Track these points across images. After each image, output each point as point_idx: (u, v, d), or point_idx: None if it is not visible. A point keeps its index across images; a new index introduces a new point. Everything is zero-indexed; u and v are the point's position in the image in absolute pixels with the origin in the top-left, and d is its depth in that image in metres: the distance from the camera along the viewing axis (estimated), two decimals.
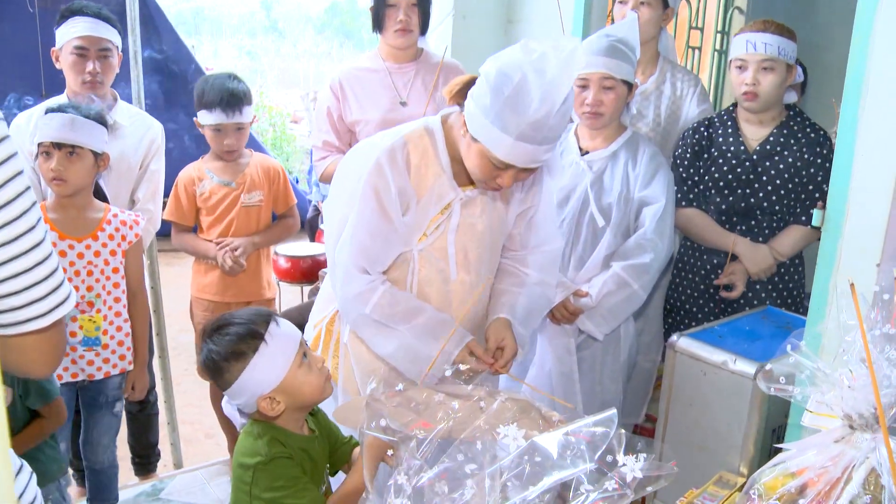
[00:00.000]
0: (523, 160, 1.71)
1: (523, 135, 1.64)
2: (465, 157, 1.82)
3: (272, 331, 1.50)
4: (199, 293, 3.02)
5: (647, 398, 2.82)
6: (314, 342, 2.10)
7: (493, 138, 1.68)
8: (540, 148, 1.68)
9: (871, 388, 1.30)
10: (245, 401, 1.52)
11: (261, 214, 3.01)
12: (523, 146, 1.66)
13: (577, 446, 0.91)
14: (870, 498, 1.30)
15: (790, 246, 2.46)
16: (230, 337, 1.51)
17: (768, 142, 2.47)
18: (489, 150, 1.70)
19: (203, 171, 2.94)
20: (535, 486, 0.89)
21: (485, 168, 1.76)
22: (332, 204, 1.98)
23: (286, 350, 1.51)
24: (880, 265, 1.65)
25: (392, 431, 0.94)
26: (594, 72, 2.29)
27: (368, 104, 2.74)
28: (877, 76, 1.63)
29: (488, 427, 0.96)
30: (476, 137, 1.72)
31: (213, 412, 3.24)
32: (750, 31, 2.44)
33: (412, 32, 2.70)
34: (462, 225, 1.93)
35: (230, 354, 1.50)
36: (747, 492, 1.46)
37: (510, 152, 1.68)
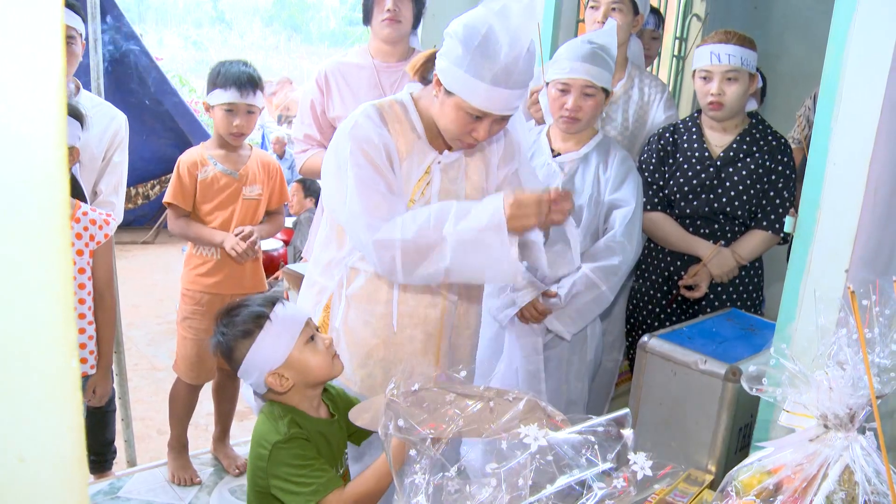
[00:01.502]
0: (498, 106, 1.75)
1: (496, 79, 1.70)
2: (440, 116, 1.85)
3: (278, 311, 1.59)
4: (192, 285, 2.95)
5: (609, 396, 2.88)
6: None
7: (468, 87, 1.73)
8: (513, 93, 1.74)
9: (847, 391, 1.36)
10: (255, 379, 1.59)
11: (258, 208, 2.99)
12: (497, 91, 1.72)
13: (592, 445, 0.93)
14: (844, 493, 1.36)
15: (752, 250, 2.54)
16: (239, 318, 1.60)
17: (731, 148, 2.54)
18: (465, 99, 1.74)
19: (206, 156, 2.90)
20: (552, 484, 0.91)
21: (460, 121, 1.80)
22: (327, 187, 1.94)
23: (292, 329, 1.59)
24: (849, 270, 1.72)
25: (407, 431, 0.95)
26: (576, 78, 2.32)
27: (351, 101, 2.70)
28: (850, 86, 1.69)
29: (501, 427, 0.98)
30: (451, 90, 1.76)
31: (164, 408, 3.18)
32: (713, 42, 2.49)
33: (401, 24, 2.66)
34: (443, 190, 1.96)
35: (238, 333, 1.59)
36: (724, 489, 1.50)
37: (486, 99, 1.73)
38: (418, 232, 1.74)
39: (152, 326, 5.54)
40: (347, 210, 1.82)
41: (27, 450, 0.48)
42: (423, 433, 0.97)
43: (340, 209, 1.86)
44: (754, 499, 1.43)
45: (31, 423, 0.48)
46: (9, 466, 0.48)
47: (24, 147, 0.44)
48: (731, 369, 1.95)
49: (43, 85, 0.44)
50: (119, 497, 2.84)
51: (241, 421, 3.92)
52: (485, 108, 1.75)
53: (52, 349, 0.48)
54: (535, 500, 0.91)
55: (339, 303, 2.02)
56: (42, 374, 0.48)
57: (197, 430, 3.83)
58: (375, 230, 1.77)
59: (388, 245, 1.76)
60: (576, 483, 0.94)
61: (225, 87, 2.79)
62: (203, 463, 3.18)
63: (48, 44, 0.43)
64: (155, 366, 4.85)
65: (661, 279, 2.69)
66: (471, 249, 1.73)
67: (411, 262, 1.77)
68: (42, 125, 0.44)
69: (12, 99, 0.44)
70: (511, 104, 1.77)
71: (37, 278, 0.47)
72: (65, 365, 0.48)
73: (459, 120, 1.80)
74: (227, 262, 2.91)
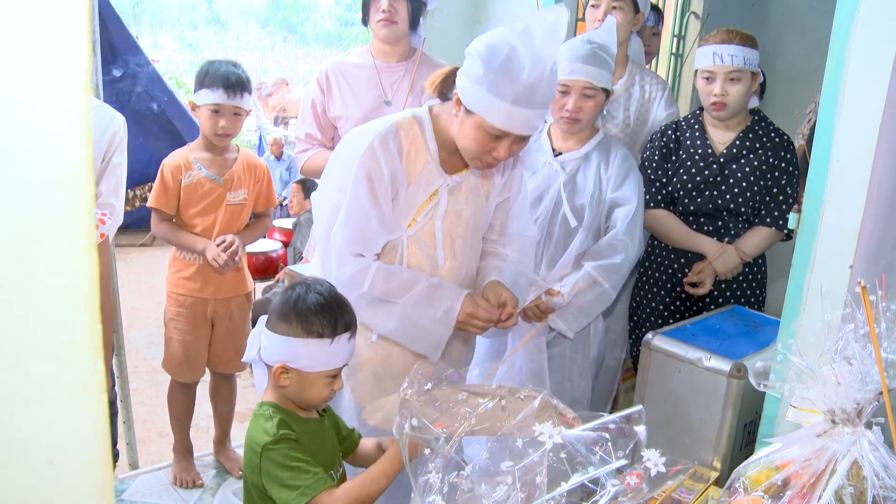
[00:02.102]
0: (520, 126, 1.75)
1: (518, 99, 1.70)
2: (459, 136, 1.85)
3: (342, 338, 1.56)
4: (176, 288, 2.95)
5: (612, 394, 2.88)
6: None
7: (489, 106, 1.73)
8: (534, 113, 1.73)
9: (855, 385, 1.36)
10: (273, 353, 1.57)
11: (243, 212, 2.98)
12: (519, 111, 1.71)
13: (605, 442, 0.93)
14: (853, 488, 1.36)
15: (755, 247, 2.54)
16: (318, 308, 1.56)
17: (734, 145, 2.55)
18: (486, 119, 1.74)
19: (190, 160, 2.87)
20: (566, 482, 0.91)
21: (481, 141, 1.79)
22: (324, 193, 1.98)
23: (335, 360, 1.57)
24: (853, 266, 1.72)
25: (420, 430, 0.95)
26: (576, 79, 2.32)
27: (352, 100, 2.71)
28: (852, 82, 1.69)
29: (514, 425, 0.98)
30: (471, 109, 1.76)
31: (165, 411, 3.18)
32: (715, 42, 2.49)
33: (397, 24, 2.65)
34: (449, 212, 1.97)
35: (304, 318, 1.55)
36: (731, 485, 1.50)
37: (507, 118, 1.73)
38: (383, 293, 1.88)
39: (152, 329, 5.53)
40: (332, 234, 1.89)
41: (55, 452, 0.48)
42: (436, 432, 0.97)
43: (324, 230, 1.93)
44: (763, 495, 1.43)
45: (58, 425, 0.48)
46: (37, 469, 0.48)
47: (49, 146, 0.44)
48: (736, 366, 1.95)
49: (69, 83, 0.44)
50: (123, 500, 2.84)
51: (241, 423, 3.91)
52: (506, 127, 1.75)
53: (77, 351, 0.48)
54: (549, 497, 0.90)
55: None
56: (68, 377, 0.48)
57: (198, 432, 3.82)
58: (346, 268, 1.87)
59: (351, 288, 1.86)
60: (589, 480, 0.94)
61: (212, 88, 2.76)
62: (206, 465, 3.18)
63: (74, 41, 0.43)
64: (155, 368, 4.84)
65: (665, 276, 2.70)
66: (414, 328, 1.90)
67: (364, 308, 1.88)
68: (68, 124, 0.44)
69: (38, 97, 0.43)
70: (532, 124, 1.77)
71: (63, 279, 0.46)
72: (91, 367, 0.48)
73: (479, 139, 1.79)
74: (210, 266, 2.91)
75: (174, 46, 17.51)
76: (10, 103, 0.42)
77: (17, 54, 0.42)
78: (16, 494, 0.48)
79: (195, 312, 2.95)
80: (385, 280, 1.86)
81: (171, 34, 18.77)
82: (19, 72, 0.42)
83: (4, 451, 0.47)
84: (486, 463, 0.91)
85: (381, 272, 1.86)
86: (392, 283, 1.87)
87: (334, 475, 1.67)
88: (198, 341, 2.99)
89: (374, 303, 1.89)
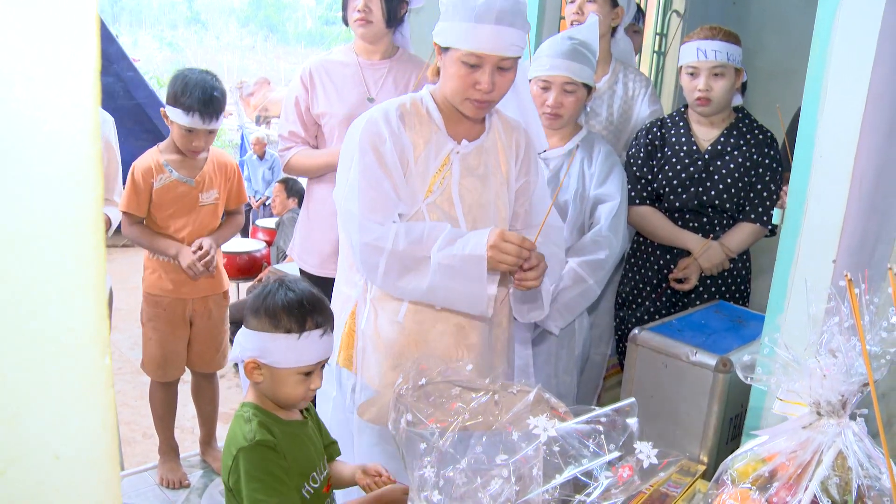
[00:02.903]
0: (490, 44, 1.77)
1: (480, 16, 1.74)
2: (445, 83, 1.88)
3: (312, 334, 1.54)
4: (152, 289, 2.94)
5: (597, 389, 2.90)
6: (342, 340, 2.08)
7: (457, 33, 1.78)
8: (501, 30, 1.76)
9: (840, 377, 1.38)
10: (244, 349, 1.57)
11: (216, 212, 2.97)
12: (483, 28, 1.75)
13: (598, 435, 0.94)
14: (839, 479, 1.38)
15: (740, 242, 2.57)
16: (286, 303, 1.55)
17: (719, 142, 2.57)
18: (458, 47, 1.79)
19: (161, 163, 2.85)
20: (560, 475, 0.92)
21: (461, 75, 1.81)
22: (340, 178, 1.97)
23: (305, 356, 1.55)
24: (836, 260, 1.74)
25: (415, 425, 0.96)
26: (557, 75, 2.34)
27: (336, 98, 2.71)
28: (834, 79, 1.71)
29: (508, 419, 0.99)
30: (445, 45, 1.82)
31: (149, 412, 3.16)
32: (699, 38, 2.52)
33: (373, 24, 2.66)
34: (464, 177, 1.96)
35: (273, 313, 1.54)
36: (719, 478, 1.52)
37: (475, 38, 1.76)
38: (407, 246, 1.80)
39: (134, 330, 5.49)
40: (345, 208, 1.87)
41: (62, 447, 0.49)
42: (431, 427, 0.97)
43: (341, 206, 1.90)
44: (750, 486, 1.44)
45: (66, 420, 0.49)
46: (45, 463, 0.48)
47: (58, 144, 0.44)
48: (722, 360, 1.97)
49: (77, 80, 0.44)
50: None
51: (226, 423, 3.90)
52: (477, 48, 1.77)
53: (85, 346, 0.48)
54: (543, 490, 0.91)
55: (364, 307, 2.01)
56: (76, 372, 0.48)
57: (183, 432, 3.81)
58: (367, 233, 1.81)
59: (376, 251, 1.81)
60: (581, 473, 0.95)
61: (188, 111, 2.74)
62: (192, 465, 3.17)
63: (82, 39, 0.44)
64: (138, 370, 4.80)
65: (651, 273, 2.72)
66: (450, 274, 1.79)
67: (394, 273, 1.83)
68: (76, 121, 0.44)
69: (47, 95, 0.44)
70: (502, 43, 1.77)
71: (71, 275, 0.47)
72: (98, 362, 0.49)
73: (460, 74, 1.82)
74: None
75: (154, 46, 17.41)
76: (18, 100, 0.43)
77: (25, 51, 0.42)
78: (24, 489, 0.48)
79: (173, 312, 2.94)
80: (408, 233, 1.81)
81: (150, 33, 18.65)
82: (28, 68, 0.43)
83: (13, 446, 0.47)
84: (481, 457, 0.92)
85: (402, 228, 1.82)
86: (415, 234, 1.81)
87: (317, 477, 1.65)
88: (176, 341, 2.98)
89: (401, 267, 1.82)
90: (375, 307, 2.00)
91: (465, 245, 1.78)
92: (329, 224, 2.80)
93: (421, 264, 1.80)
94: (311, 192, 2.88)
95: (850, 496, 1.34)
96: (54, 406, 0.48)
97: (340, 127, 2.70)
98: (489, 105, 1.90)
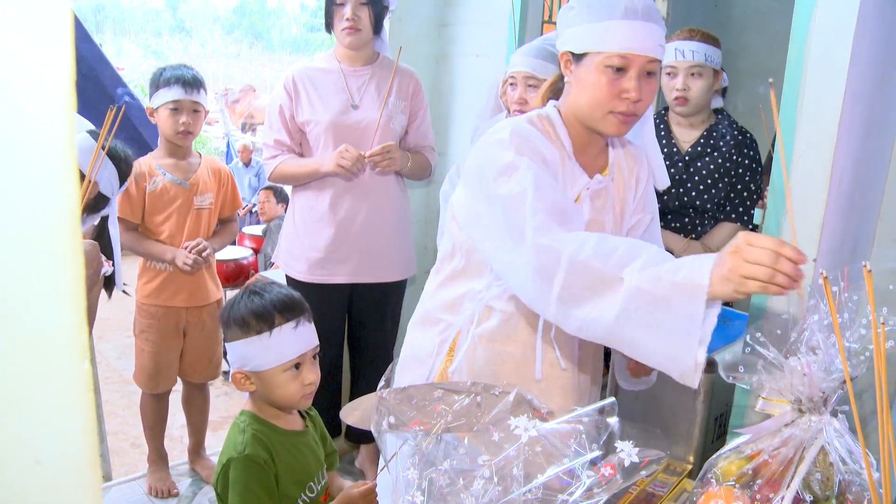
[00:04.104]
0: (639, 43, 1.50)
1: (627, 11, 1.49)
2: (581, 96, 1.58)
3: (284, 328, 1.54)
4: (147, 298, 2.92)
5: None
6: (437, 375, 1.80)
7: (599, 34, 1.51)
8: (649, 26, 1.50)
9: (820, 375, 1.40)
10: (231, 362, 1.58)
11: (210, 217, 2.96)
12: (629, 24, 1.49)
13: (580, 434, 0.95)
14: (820, 474, 1.39)
15: (721, 243, 2.58)
16: (252, 308, 1.56)
17: (699, 143, 2.60)
18: (600, 49, 1.52)
19: (153, 167, 2.85)
20: (542, 474, 0.93)
21: (604, 83, 1.53)
22: (468, 202, 1.62)
23: (283, 351, 1.55)
24: (816, 259, 1.76)
25: (397, 427, 0.97)
26: (520, 70, 2.38)
27: (320, 105, 2.72)
28: (812, 80, 1.74)
29: (490, 420, 1.00)
30: (583, 51, 1.54)
31: (138, 422, 3.15)
32: (678, 39, 2.55)
33: (361, 32, 2.68)
34: (592, 221, 1.69)
35: (241, 320, 1.55)
36: (703, 477, 1.53)
37: (621, 36, 1.50)
38: (594, 257, 1.31)
39: (122, 339, 5.47)
40: (510, 208, 1.44)
41: (43, 452, 0.49)
42: (413, 429, 0.98)
43: (488, 216, 1.51)
44: (734, 484, 1.46)
45: (46, 425, 0.49)
46: (26, 469, 0.48)
47: (34, 151, 0.45)
48: (706, 360, 1.99)
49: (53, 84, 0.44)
50: None
51: (215, 431, 3.89)
52: (625, 47, 1.50)
53: (64, 351, 0.49)
54: (525, 490, 0.92)
55: (466, 340, 1.72)
56: (55, 377, 0.49)
57: (172, 441, 3.79)
58: (544, 232, 1.37)
59: (553, 257, 1.34)
60: (563, 473, 0.96)
61: (169, 86, 2.74)
62: (181, 474, 3.16)
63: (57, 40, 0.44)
64: (126, 379, 4.79)
65: None
66: (650, 305, 1.25)
67: (572, 294, 1.33)
68: (52, 125, 0.45)
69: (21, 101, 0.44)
70: (652, 42, 1.51)
71: (48, 281, 0.47)
72: (77, 366, 0.49)
73: (602, 82, 1.53)
74: (180, 275, 2.88)
75: (138, 54, 17.38)
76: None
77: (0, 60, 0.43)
78: (4, 495, 0.48)
79: (166, 323, 2.93)
80: (599, 243, 1.33)
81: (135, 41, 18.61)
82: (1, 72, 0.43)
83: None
84: (464, 458, 0.93)
85: (592, 236, 1.35)
86: (607, 246, 1.32)
87: (314, 487, 1.65)
88: (169, 352, 2.97)
89: (584, 286, 1.31)
90: (478, 343, 1.72)
91: (679, 269, 1.24)
92: (315, 230, 2.80)
93: (610, 287, 1.29)
94: (297, 198, 2.89)
95: (831, 491, 1.36)
96: (34, 411, 0.48)
97: (325, 134, 2.71)
98: (634, 119, 1.59)
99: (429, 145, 2.93)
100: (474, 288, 1.70)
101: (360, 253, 2.82)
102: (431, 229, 3.65)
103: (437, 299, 1.78)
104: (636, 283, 1.25)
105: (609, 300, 1.28)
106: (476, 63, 3.32)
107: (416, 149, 2.88)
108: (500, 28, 3.06)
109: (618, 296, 1.27)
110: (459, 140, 3.45)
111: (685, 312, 1.22)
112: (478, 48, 3.29)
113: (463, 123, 3.39)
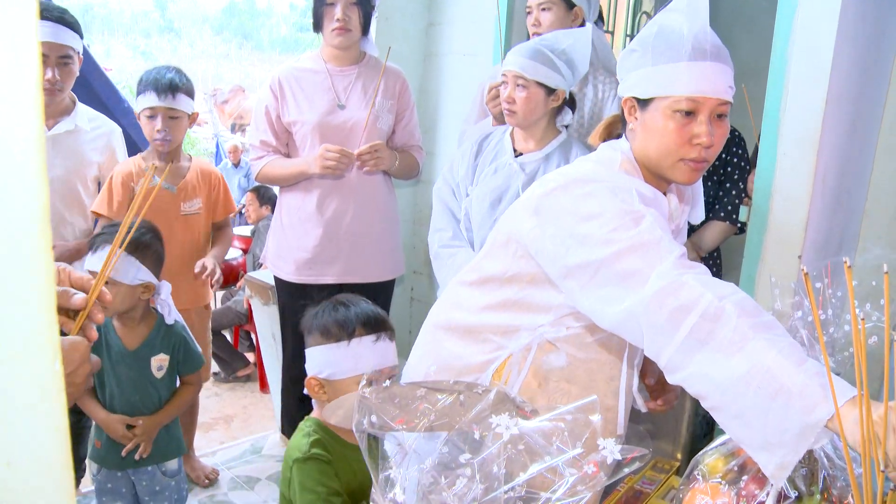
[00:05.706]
0: (707, 86, 1.44)
1: (695, 53, 1.44)
2: (648, 142, 1.52)
3: (363, 340, 1.57)
4: None
5: None
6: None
7: (666, 78, 1.46)
8: (716, 66, 1.44)
9: None
10: (308, 368, 1.61)
11: (201, 223, 2.93)
12: (696, 66, 1.43)
13: (562, 432, 0.96)
14: (805, 470, 1.40)
15: (711, 240, 2.60)
16: (336, 317, 1.60)
17: None
18: (669, 92, 1.46)
19: (142, 168, 2.82)
20: (524, 472, 0.93)
21: (673, 129, 1.47)
22: (574, 257, 1.44)
23: (359, 362, 1.57)
24: (802, 256, 1.77)
25: (380, 427, 0.97)
26: (509, 69, 2.37)
27: (307, 105, 2.71)
28: (795, 79, 1.74)
29: (472, 418, 1.00)
30: (649, 97, 1.49)
31: None
32: None
33: (351, 32, 2.68)
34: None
35: (322, 327, 1.59)
36: (690, 474, 1.54)
37: (688, 79, 1.44)
38: (738, 314, 1.22)
39: None
40: (642, 252, 1.36)
41: (14, 454, 0.49)
42: (396, 428, 0.98)
43: (603, 259, 1.39)
44: (721, 481, 1.46)
45: (17, 427, 0.49)
46: None
47: (3, 154, 0.45)
48: None
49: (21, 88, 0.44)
50: None
51: (206, 432, 3.88)
52: (694, 90, 1.43)
53: (35, 352, 0.48)
54: (508, 488, 0.93)
55: (523, 369, 1.62)
56: (26, 378, 0.49)
57: None
58: (664, 278, 1.30)
59: (684, 306, 1.25)
60: (546, 471, 0.96)
61: (144, 92, 2.71)
62: None
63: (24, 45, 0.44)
64: None
65: None
66: (760, 387, 1.16)
67: (701, 339, 1.23)
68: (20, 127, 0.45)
69: None
70: (722, 84, 1.46)
71: (18, 282, 0.47)
72: (49, 368, 0.49)
73: (671, 128, 1.47)
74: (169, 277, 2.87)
75: (127, 55, 17.32)
76: None
77: None
78: None
79: None
80: (740, 300, 1.25)
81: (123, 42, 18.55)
82: None
83: None
84: (446, 457, 0.93)
85: (729, 287, 1.29)
86: (750, 305, 1.25)
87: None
88: None
89: (710, 333, 1.22)
90: (535, 375, 1.63)
91: (806, 384, 1.11)
92: (303, 230, 2.80)
93: (746, 341, 1.19)
94: (284, 199, 2.88)
95: (816, 487, 1.36)
96: (5, 413, 0.48)
97: (312, 134, 2.70)
98: (705, 166, 1.52)
99: (416, 144, 2.93)
100: (535, 321, 1.61)
101: (348, 253, 2.81)
102: (419, 229, 3.65)
103: (485, 319, 1.67)
104: (772, 341, 1.17)
105: (741, 353, 1.19)
106: (463, 62, 3.32)
107: (403, 148, 2.88)
108: (487, 27, 3.06)
109: (745, 350, 1.18)
110: (447, 139, 3.45)
111: (793, 421, 1.13)
112: (465, 47, 3.30)
113: (450, 122, 3.39)
